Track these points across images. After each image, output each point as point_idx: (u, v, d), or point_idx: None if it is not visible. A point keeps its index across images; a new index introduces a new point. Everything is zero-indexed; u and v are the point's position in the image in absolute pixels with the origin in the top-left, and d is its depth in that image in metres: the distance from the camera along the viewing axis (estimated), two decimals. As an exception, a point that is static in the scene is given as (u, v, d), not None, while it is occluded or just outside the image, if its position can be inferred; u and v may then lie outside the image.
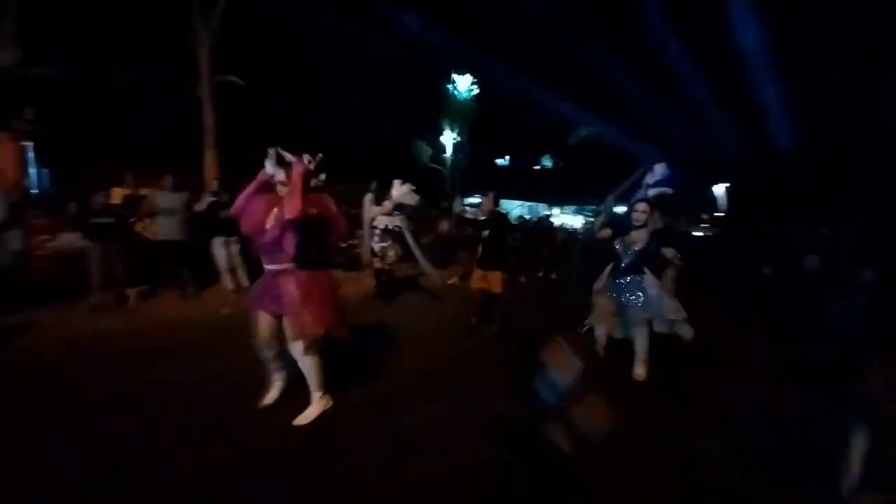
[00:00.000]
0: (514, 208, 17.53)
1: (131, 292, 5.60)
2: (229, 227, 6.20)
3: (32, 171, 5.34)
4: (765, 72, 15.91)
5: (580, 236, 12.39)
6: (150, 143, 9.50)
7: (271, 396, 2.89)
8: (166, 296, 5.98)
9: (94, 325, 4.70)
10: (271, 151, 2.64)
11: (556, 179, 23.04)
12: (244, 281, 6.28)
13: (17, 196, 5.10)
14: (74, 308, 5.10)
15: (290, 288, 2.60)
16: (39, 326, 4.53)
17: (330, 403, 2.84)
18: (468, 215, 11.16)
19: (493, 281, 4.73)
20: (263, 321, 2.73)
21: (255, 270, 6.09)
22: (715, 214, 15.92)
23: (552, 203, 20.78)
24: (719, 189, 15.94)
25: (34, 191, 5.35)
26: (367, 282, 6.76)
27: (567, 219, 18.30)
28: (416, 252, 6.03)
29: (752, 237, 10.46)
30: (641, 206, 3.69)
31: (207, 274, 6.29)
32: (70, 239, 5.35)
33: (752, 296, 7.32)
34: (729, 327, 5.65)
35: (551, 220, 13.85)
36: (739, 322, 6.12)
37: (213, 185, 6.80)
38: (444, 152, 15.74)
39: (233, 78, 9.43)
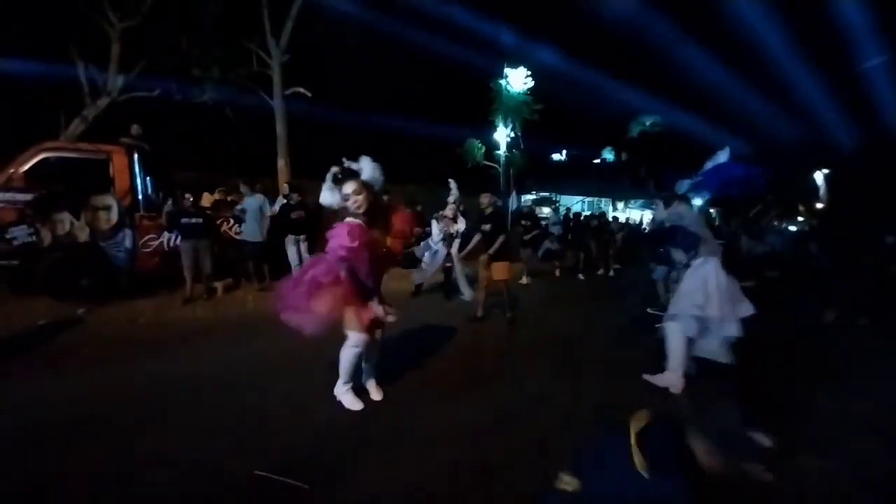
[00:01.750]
0: (574, 204, 16.86)
1: (218, 285, 6.21)
2: (299, 227, 6.76)
3: (139, 179, 6.06)
4: (872, 37, 13.81)
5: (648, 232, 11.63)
6: (231, 153, 10.50)
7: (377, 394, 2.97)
8: (247, 288, 6.56)
9: (187, 313, 5.31)
10: (328, 177, 2.65)
11: (620, 173, 21.79)
12: (313, 276, 6.72)
13: (128, 201, 5.86)
14: (173, 298, 5.77)
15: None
16: (144, 313, 5.19)
17: None
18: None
19: (498, 271, 4.87)
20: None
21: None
22: (817, 206, 14.03)
23: (617, 198, 19.64)
24: (820, 177, 14.06)
25: (140, 196, 6.06)
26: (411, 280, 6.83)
27: (633, 214, 17.19)
28: (458, 266, 6.08)
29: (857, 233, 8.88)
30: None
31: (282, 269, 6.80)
32: (169, 238, 6.07)
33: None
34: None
35: (608, 217, 13.06)
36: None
37: (285, 189, 7.38)
38: (498, 149, 15.57)
39: (300, 89, 10.15)
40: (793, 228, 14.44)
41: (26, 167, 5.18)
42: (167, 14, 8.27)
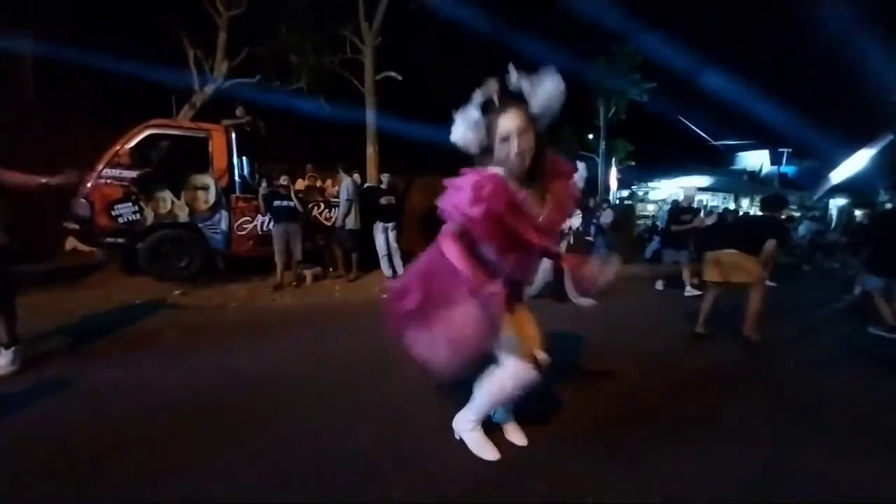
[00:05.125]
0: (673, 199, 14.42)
1: (307, 273, 5.83)
2: (388, 214, 6.16)
3: (236, 160, 5.91)
4: None
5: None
6: (323, 138, 10.45)
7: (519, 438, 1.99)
8: (335, 277, 6.13)
9: (276, 301, 4.93)
10: (475, 98, 1.53)
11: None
12: (400, 267, 6.13)
13: (225, 182, 5.70)
14: (263, 284, 5.48)
15: None
16: (235, 298, 4.90)
17: None
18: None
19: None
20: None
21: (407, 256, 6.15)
22: None
23: (742, 193, 16.54)
24: None
25: (237, 178, 5.89)
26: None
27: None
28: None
29: None
30: None
31: (371, 259, 6.28)
32: (263, 221, 5.83)
33: None
34: None
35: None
36: None
37: (374, 174, 6.91)
38: (599, 137, 13.87)
39: (392, 73, 9.70)
40: None
41: (132, 144, 5.18)
42: (266, 1, 8.30)
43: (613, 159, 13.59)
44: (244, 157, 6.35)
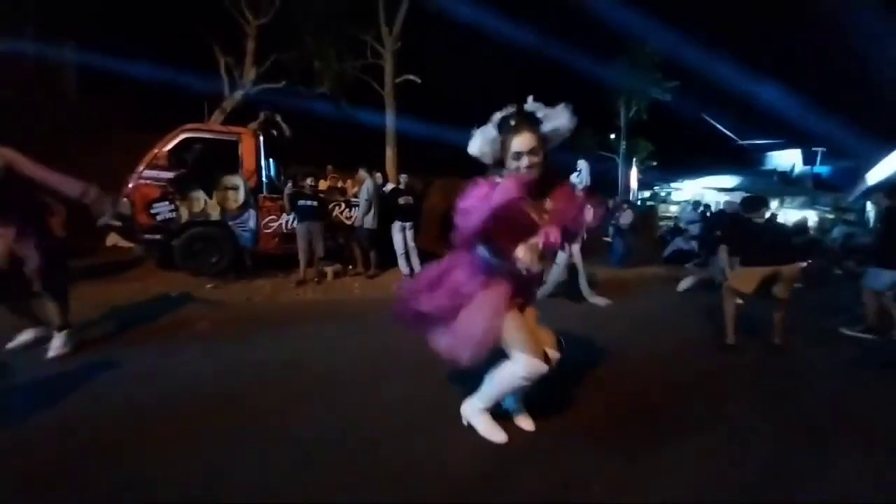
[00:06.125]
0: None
1: (328, 269, 6.06)
2: (407, 213, 6.34)
3: (264, 161, 6.20)
4: None
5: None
6: (344, 141, 10.74)
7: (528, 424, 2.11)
8: (355, 274, 6.36)
9: (299, 296, 5.18)
10: (494, 119, 1.74)
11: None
12: (417, 266, 6.29)
13: (253, 182, 6.00)
14: (287, 280, 5.75)
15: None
16: (260, 292, 5.17)
17: None
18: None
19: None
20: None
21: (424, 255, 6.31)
22: None
23: (770, 195, 15.97)
24: None
25: (264, 179, 6.17)
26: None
27: (794, 214, 13.65)
28: (581, 267, 5.23)
29: None
30: None
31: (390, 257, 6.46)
32: (287, 220, 6.10)
33: None
34: None
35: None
36: None
37: (393, 176, 7.09)
38: (619, 137, 13.70)
39: (411, 76, 9.90)
40: None
41: (169, 147, 5.52)
42: (292, 9, 8.64)
43: (634, 159, 13.40)
44: (271, 159, 6.65)
